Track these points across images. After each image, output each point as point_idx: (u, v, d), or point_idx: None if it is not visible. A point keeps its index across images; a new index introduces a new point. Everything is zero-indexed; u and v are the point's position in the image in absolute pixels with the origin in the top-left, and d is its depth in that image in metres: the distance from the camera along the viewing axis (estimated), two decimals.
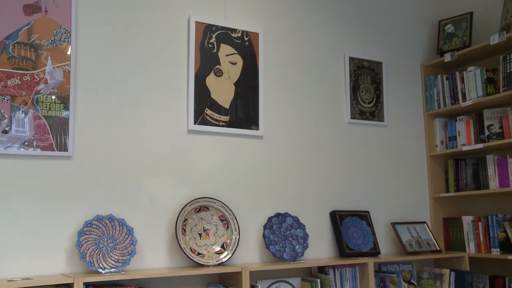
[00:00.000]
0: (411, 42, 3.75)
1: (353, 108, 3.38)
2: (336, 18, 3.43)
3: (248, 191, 2.97)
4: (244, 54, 3.03)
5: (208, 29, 2.93)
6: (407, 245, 3.27)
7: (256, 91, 3.05)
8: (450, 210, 3.67)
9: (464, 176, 3.50)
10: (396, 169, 3.53)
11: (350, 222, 3.21)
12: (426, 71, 3.73)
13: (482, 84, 3.34)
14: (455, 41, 3.58)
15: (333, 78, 3.36)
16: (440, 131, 3.65)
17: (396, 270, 3.23)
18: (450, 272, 3.22)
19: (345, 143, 3.34)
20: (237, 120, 2.96)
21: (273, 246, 2.85)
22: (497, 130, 3.31)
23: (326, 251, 3.17)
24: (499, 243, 3.21)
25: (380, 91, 3.51)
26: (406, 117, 3.63)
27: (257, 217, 2.97)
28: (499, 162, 3.27)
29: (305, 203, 3.14)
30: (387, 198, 3.46)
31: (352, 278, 3.00)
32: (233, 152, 2.95)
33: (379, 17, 3.63)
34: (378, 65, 3.53)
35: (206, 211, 2.77)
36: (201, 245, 2.70)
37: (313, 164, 3.20)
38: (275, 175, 3.06)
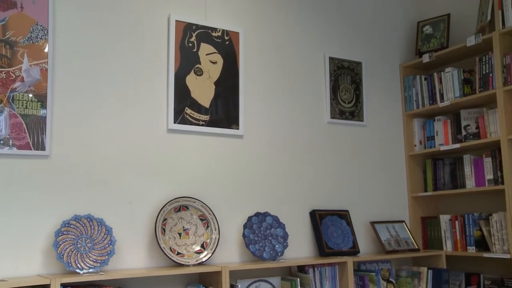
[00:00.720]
0: (390, 42, 3.79)
1: (333, 108, 3.40)
2: (316, 18, 3.45)
3: (228, 191, 2.96)
4: (225, 53, 3.03)
5: (188, 28, 2.92)
6: (386, 244, 3.31)
7: (236, 90, 3.04)
8: (428, 209, 3.72)
9: (442, 176, 3.55)
10: (375, 169, 3.56)
11: (329, 221, 3.23)
12: (405, 71, 3.77)
13: (459, 84, 3.39)
14: (433, 42, 3.62)
15: (313, 78, 3.38)
16: (418, 131, 3.69)
17: (375, 269, 3.25)
18: (428, 270, 3.26)
19: (325, 142, 3.36)
20: (217, 120, 2.95)
21: (253, 246, 2.85)
22: (473, 130, 3.36)
23: (306, 250, 3.18)
24: (475, 241, 3.26)
25: (359, 91, 3.53)
26: (385, 117, 3.66)
27: (237, 217, 2.97)
28: (475, 161, 3.32)
29: (285, 202, 3.15)
30: (367, 197, 3.49)
31: (332, 277, 3.02)
32: (213, 151, 2.94)
33: (359, 18, 3.66)
34: (358, 65, 3.55)
35: (186, 211, 2.76)
36: (181, 245, 2.69)
37: (293, 164, 3.21)
38: (255, 174, 3.06)
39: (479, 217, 3.29)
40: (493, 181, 3.20)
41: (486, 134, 3.25)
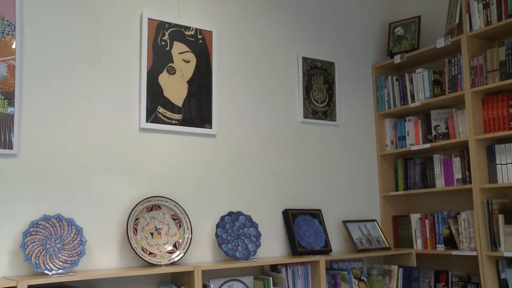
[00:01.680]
0: (363, 43, 3.83)
1: (306, 107, 3.42)
2: (289, 18, 3.46)
3: (201, 190, 2.95)
4: (198, 52, 3.01)
5: (161, 26, 2.90)
6: (358, 243, 3.34)
7: (210, 89, 3.03)
8: (399, 208, 3.77)
9: (413, 175, 3.61)
10: (347, 168, 3.59)
11: (302, 220, 3.24)
12: (377, 72, 3.82)
13: (429, 85, 3.45)
14: (405, 43, 3.68)
15: (286, 77, 3.39)
16: (390, 131, 3.73)
17: (347, 268, 3.28)
18: (399, 268, 3.31)
19: (298, 142, 3.38)
20: (190, 119, 2.94)
21: (225, 245, 2.84)
22: (443, 130, 3.42)
23: (278, 250, 3.19)
24: (444, 239, 3.32)
25: (332, 91, 3.56)
26: (358, 117, 3.70)
27: (210, 216, 2.96)
28: (444, 161, 3.38)
29: (258, 202, 3.15)
30: (339, 196, 3.52)
31: (304, 276, 3.04)
32: (186, 150, 2.93)
33: (332, 18, 3.68)
34: (331, 66, 3.58)
35: (158, 210, 2.74)
36: (153, 245, 2.67)
37: (266, 163, 3.22)
38: (228, 174, 3.06)
39: (448, 216, 3.35)
40: (461, 180, 3.26)
41: (455, 135, 3.32)
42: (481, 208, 3.07)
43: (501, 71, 3.03)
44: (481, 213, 3.06)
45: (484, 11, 3.12)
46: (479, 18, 3.14)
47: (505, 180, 3.03)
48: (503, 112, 3.04)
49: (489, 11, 3.09)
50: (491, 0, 3.09)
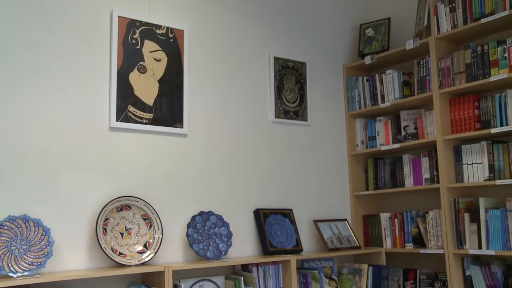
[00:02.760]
0: (334, 44, 3.86)
1: (278, 107, 3.44)
2: (261, 18, 3.47)
3: (171, 190, 2.93)
4: (169, 51, 2.99)
5: (132, 24, 2.87)
6: (329, 242, 3.37)
7: (181, 88, 3.02)
8: (369, 207, 3.82)
9: (383, 175, 3.66)
10: (318, 168, 3.62)
11: (273, 220, 3.26)
12: (348, 72, 3.86)
13: (399, 86, 3.50)
14: (375, 44, 3.72)
15: (258, 77, 3.40)
16: (360, 131, 3.78)
17: (318, 267, 3.31)
18: (368, 267, 3.35)
19: (270, 142, 3.39)
20: (161, 118, 2.92)
21: (196, 245, 2.83)
22: (412, 130, 3.48)
23: (250, 249, 3.19)
24: (412, 238, 3.38)
25: (304, 91, 3.58)
26: (329, 117, 3.73)
27: (181, 216, 2.95)
28: (413, 161, 3.44)
29: (229, 201, 3.15)
30: (310, 196, 3.54)
31: (275, 275, 3.05)
32: (157, 150, 2.91)
33: (304, 19, 3.71)
34: (302, 66, 3.60)
35: (128, 210, 2.71)
36: (123, 245, 2.64)
37: (237, 163, 3.22)
38: (199, 173, 3.05)
39: (417, 215, 3.41)
40: (429, 180, 3.32)
41: (423, 135, 3.38)
42: (448, 207, 3.13)
43: (467, 73, 3.10)
44: (448, 212, 3.13)
45: (450, 14, 3.18)
46: (446, 21, 3.20)
47: (471, 179, 3.09)
48: (469, 113, 3.11)
49: (456, 14, 3.16)
50: (457, 4, 3.15)
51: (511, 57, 2.91)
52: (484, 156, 3.04)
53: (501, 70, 2.94)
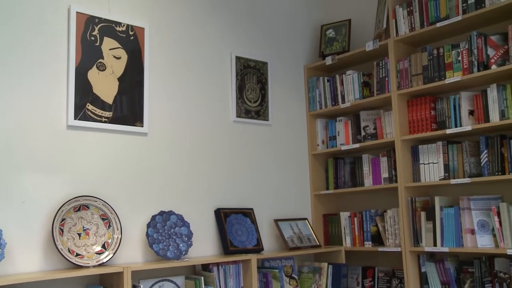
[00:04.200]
0: (296, 44, 3.89)
1: (239, 106, 3.44)
2: (223, 17, 3.46)
3: (131, 189, 2.89)
4: (129, 49, 2.95)
5: (91, 21, 2.82)
6: (289, 241, 3.39)
7: (141, 87, 2.98)
8: (329, 206, 3.86)
9: (343, 174, 3.71)
10: (279, 167, 3.64)
11: (234, 219, 3.26)
12: (309, 73, 3.89)
13: (359, 87, 3.55)
14: (336, 45, 3.77)
15: (219, 76, 3.39)
16: (321, 131, 3.82)
17: (279, 266, 3.33)
18: (328, 265, 3.39)
19: (231, 141, 3.39)
20: (121, 117, 2.88)
21: (156, 245, 2.81)
22: (371, 131, 3.54)
23: (210, 249, 3.18)
24: (371, 236, 3.44)
25: (265, 90, 3.60)
26: (290, 117, 3.76)
27: (141, 216, 2.91)
28: (373, 161, 3.50)
29: (190, 201, 3.13)
30: (271, 195, 3.56)
31: (236, 275, 3.05)
32: (116, 149, 2.86)
33: (266, 19, 3.72)
34: (264, 65, 3.61)
35: (86, 210, 2.66)
36: (80, 246, 2.59)
37: (198, 162, 3.20)
38: (159, 173, 3.02)
39: (375, 214, 3.47)
40: (388, 179, 3.39)
41: (382, 135, 3.44)
42: (405, 206, 3.20)
43: (424, 75, 3.17)
44: (405, 211, 3.20)
45: (408, 17, 3.26)
46: (404, 24, 3.27)
47: (427, 179, 3.17)
48: (426, 114, 3.18)
49: (413, 18, 3.23)
50: (415, 8, 3.23)
51: (464, 60, 3.00)
52: (440, 156, 3.12)
53: (456, 72, 3.03)
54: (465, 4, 2.99)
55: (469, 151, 3.01)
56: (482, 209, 2.95)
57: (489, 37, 2.92)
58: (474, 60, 2.95)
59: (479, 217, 2.94)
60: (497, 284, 2.85)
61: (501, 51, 2.88)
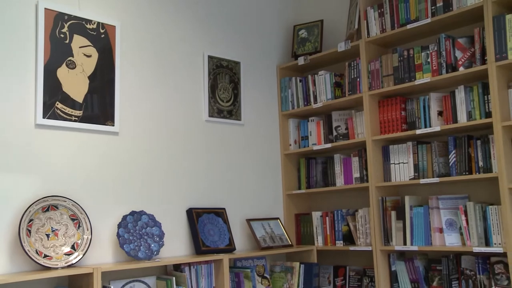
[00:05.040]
0: (268, 44, 3.90)
1: (211, 106, 3.43)
2: (196, 16, 3.45)
3: (102, 189, 2.86)
4: (100, 47, 2.91)
5: (60, 17, 2.77)
6: (261, 241, 3.40)
7: (113, 86, 2.94)
8: (301, 206, 3.88)
9: (315, 174, 3.73)
10: (252, 167, 3.64)
11: (206, 219, 3.24)
12: (282, 73, 3.91)
13: (331, 87, 3.58)
14: (308, 46, 3.79)
15: (192, 75, 3.37)
16: (293, 131, 3.84)
17: (251, 265, 3.33)
18: (300, 264, 3.41)
19: (203, 141, 3.37)
20: (92, 115, 2.84)
21: (127, 245, 2.78)
22: (343, 131, 3.57)
23: (182, 249, 3.16)
24: (343, 235, 3.47)
25: (238, 90, 3.59)
26: (263, 117, 3.76)
27: (112, 216, 2.87)
28: (344, 161, 3.53)
29: (161, 201, 3.11)
30: (243, 195, 3.56)
31: (208, 275, 3.04)
32: (86, 148, 2.82)
33: (239, 18, 3.72)
34: (237, 65, 3.61)
35: (55, 210, 2.61)
36: (49, 247, 2.54)
37: (170, 162, 3.18)
38: (131, 172, 2.99)
39: (347, 213, 3.51)
40: (359, 179, 3.43)
41: (354, 135, 3.48)
42: (376, 205, 3.24)
43: (394, 76, 3.22)
44: (376, 210, 3.24)
45: (379, 19, 3.30)
46: (375, 25, 3.32)
47: (398, 178, 3.22)
48: (396, 114, 3.23)
49: (384, 19, 3.28)
50: (386, 10, 3.27)
51: (433, 62, 3.05)
52: (410, 156, 3.17)
53: (425, 74, 3.08)
54: (434, 7, 3.05)
55: (438, 151, 3.07)
56: (450, 208, 3.01)
57: (456, 40, 2.98)
58: (443, 62, 3.00)
59: (447, 216, 3.00)
60: (463, 281, 2.91)
61: (468, 54, 2.94)
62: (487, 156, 2.85)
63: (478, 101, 2.89)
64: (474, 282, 2.87)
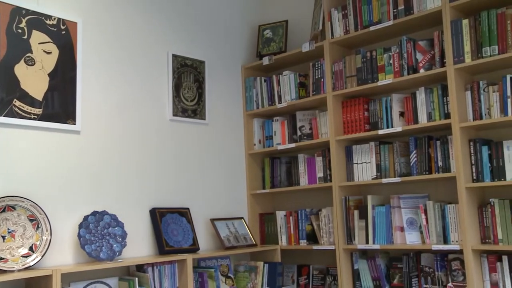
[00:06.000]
0: (233, 43, 3.89)
1: (175, 105, 3.40)
2: (160, 14, 3.41)
3: (63, 189, 2.79)
4: (61, 44, 2.84)
5: (17, 12, 2.69)
6: (225, 240, 3.39)
7: (74, 83, 2.88)
8: (265, 205, 3.89)
9: (279, 174, 3.74)
10: (216, 167, 3.63)
11: (170, 219, 3.21)
12: (246, 72, 3.91)
13: (295, 87, 3.60)
14: (273, 46, 3.81)
15: (155, 74, 3.33)
16: (258, 131, 3.84)
17: (215, 265, 3.32)
18: (264, 264, 3.42)
19: (167, 140, 3.34)
20: (53, 114, 2.77)
21: (89, 246, 2.72)
22: (307, 131, 3.59)
23: (146, 249, 3.13)
24: (306, 235, 3.50)
25: (202, 89, 3.57)
26: (227, 116, 3.75)
27: (73, 216, 2.81)
28: (308, 160, 3.56)
29: (124, 200, 3.06)
30: (207, 195, 3.54)
31: (171, 275, 3.01)
32: (46, 147, 2.75)
33: (204, 18, 3.70)
34: (201, 64, 3.59)
35: (12, 211, 2.54)
36: (5, 249, 2.47)
37: (133, 161, 3.14)
38: (93, 172, 2.93)
39: (311, 213, 3.53)
40: (323, 178, 3.46)
41: (318, 135, 3.51)
42: (339, 205, 3.28)
43: (357, 77, 3.26)
44: (339, 210, 3.27)
45: (343, 20, 3.34)
46: (339, 27, 3.35)
47: (360, 178, 3.26)
48: (359, 115, 3.27)
49: (348, 21, 3.32)
50: (349, 11, 3.31)
51: (395, 63, 3.11)
52: (372, 156, 3.22)
53: (387, 75, 3.14)
54: (396, 10, 3.11)
55: (400, 152, 3.12)
56: (411, 207, 3.07)
57: (417, 42, 3.04)
58: (404, 64, 3.06)
59: (408, 215, 3.06)
60: (423, 278, 2.97)
61: (428, 56, 3.01)
62: (446, 156, 2.92)
63: (438, 103, 2.95)
64: (432, 279, 2.94)
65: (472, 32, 2.81)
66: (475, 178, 2.81)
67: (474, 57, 2.80)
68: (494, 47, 2.74)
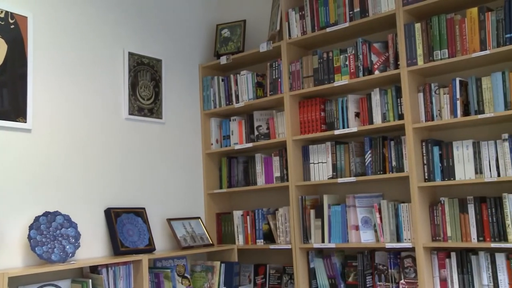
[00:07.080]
0: (191, 42, 3.86)
1: (132, 104, 3.34)
2: (116, 11, 3.35)
3: (12, 189, 2.70)
4: (9, 39, 2.75)
5: None
6: (182, 240, 3.36)
7: (25, 80, 2.79)
8: (223, 205, 3.88)
9: (236, 173, 3.74)
10: (173, 166, 3.59)
11: (126, 219, 3.16)
12: (204, 71, 3.89)
13: (253, 87, 3.61)
14: (231, 45, 3.80)
15: (111, 72, 3.27)
16: (215, 130, 3.83)
17: (171, 265, 3.29)
18: (221, 264, 3.41)
19: (122, 139, 3.28)
20: (1, 111, 2.67)
21: (40, 248, 2.65)
22: (264, 130, 3.61)
23: (100, 250, 3.06)
24: (263, 234, 3.51)
25: (159, 88, 3.53)
26: (184, 115, 3.72)
27: (23, 217, 2.72)
28: (265, 160, 3.58)
29: (78, 201, 2.99)
30: (164, 194, 3.50)
31: (126, 276, 2.96)
32: None
33: (161, 16, 3.66)
34: (158, 63, 3.55)
35: None
36: None
37: (87, 160, 3.07)
38: (45, 171, 2.85)
39: (268, 212, 3.55)
40: (280, 178, 3.48)
41: (275, 135, 3.52)
42: (296, 204, 3.31)
43: (314, 77, 3.30)
44: (296, 209, 3.30)
45: (300, 21, 3.37)
46: (297, 27, 3.38)
47: (317, 178, 3.30)
48: (316, 115, 3.31)
49: (305, 22, 3.35)
50: (306, 12, 3.35)
51: (351, 65, 3.16)
52: (329, 156, 3.26)
53: (343, 76, 3.19)
54: (352, 12, 3.16)
55: (355, 152, 3.18)
56: (366, 207, 3.13)
57: (372, 44, 3.10)
58: (360, 65, 3.12)
59: (363, 214, 3.12)
60: (377, 276, 3.04)
61: (383, 58, 3.08)
62: (400, 156, 2.99)
63: (392, 104, 3.02)
64: (386, 276, 3.01)
65: (424, 35, 2.89)
66: (427, 177, 2.89)
67: (426, 60, 2.88)
68: (444, 51, 2.83)
